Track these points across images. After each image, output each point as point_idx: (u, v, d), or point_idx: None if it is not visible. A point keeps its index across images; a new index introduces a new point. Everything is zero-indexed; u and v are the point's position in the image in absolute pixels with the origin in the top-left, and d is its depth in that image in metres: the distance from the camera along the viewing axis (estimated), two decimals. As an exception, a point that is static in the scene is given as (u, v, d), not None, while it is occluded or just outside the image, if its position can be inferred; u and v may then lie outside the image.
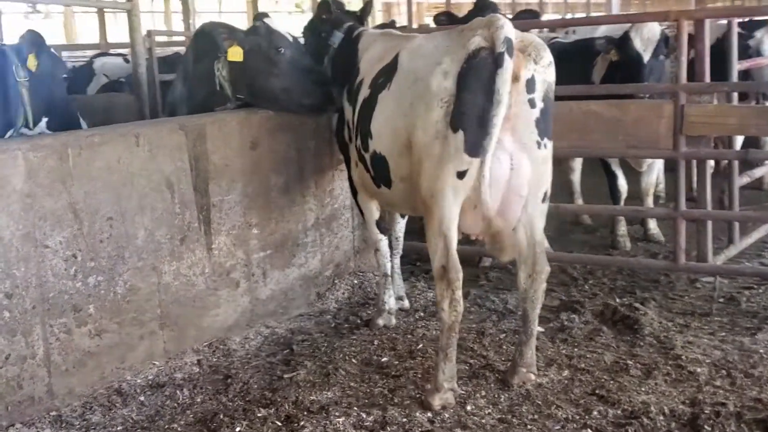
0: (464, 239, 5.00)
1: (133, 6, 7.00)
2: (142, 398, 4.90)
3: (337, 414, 4.62)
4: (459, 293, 4.64)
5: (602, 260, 6.68)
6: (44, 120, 5.65)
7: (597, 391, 4.82)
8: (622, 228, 7.72)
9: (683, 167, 6.06)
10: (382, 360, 5.45)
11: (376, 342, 5.76)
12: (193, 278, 5.49)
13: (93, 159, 4.85)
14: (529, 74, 4.48)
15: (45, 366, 4.65)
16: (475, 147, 4.44)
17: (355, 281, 6.90)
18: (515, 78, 4.42)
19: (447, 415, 4.63)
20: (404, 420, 4.57)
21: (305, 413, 4.64)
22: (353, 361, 5.43)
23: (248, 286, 5.91)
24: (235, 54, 5.84)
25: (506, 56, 4.34)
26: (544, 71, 4.54)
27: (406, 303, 6.42)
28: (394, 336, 5.84)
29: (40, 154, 4.59)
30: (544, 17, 17.56)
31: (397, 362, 5.40)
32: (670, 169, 7.79)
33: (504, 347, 5.57)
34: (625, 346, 5.49)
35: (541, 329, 5.81)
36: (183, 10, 14.04)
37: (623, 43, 7.10)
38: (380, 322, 6.02)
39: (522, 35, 4.59)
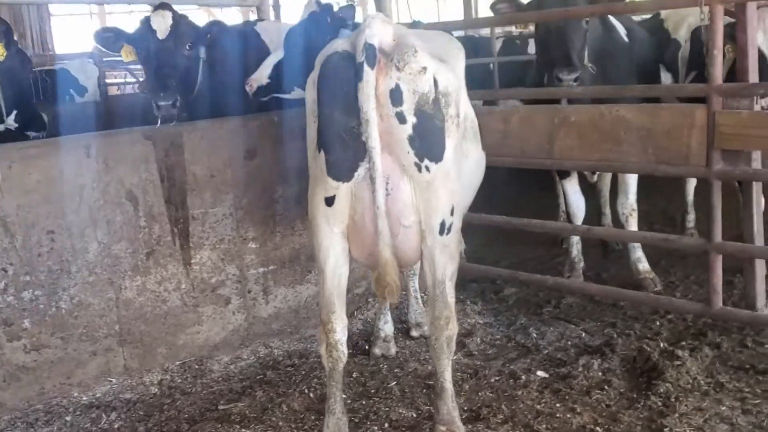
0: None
1: None
2: (68, 418, 4.68)
3: (226, 458, 4.08)
4: (334, 336, 3.93)
5: (631, 296, 5.31)
6: (14, 113, 5.60)
7: (520, 464, 3.83)
8: None
9: (718, 189, 4.63)
10: (311, 396, 4.79)
11: (354, 374, 5.09)
12: (164, 294, 5.16)
13: (28, 172, 4.67)
14: (392, 83, 3.60)
15: (-32, 378, 4.56)
16: (338, 170, 3.71)
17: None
18: (381, 89, 3.60)
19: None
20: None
21: (197, 454, 4.16)
22: (310, 395, 4.83)
23: (242, 303, 5.47)
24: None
25: (365, 67, 3.52)
26: (413, 80, 3.62)
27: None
28: (380, 368, 5.12)
29: (-40, 168, 4.49)
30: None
31: (350, 401, 4.70)
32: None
33: (481, 394, 4.66)
34: (618, 405, 4.38)
35: (543, 374, 4.86)
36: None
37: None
38: (377, 351, 5.33)
39: (399, 36, 3.71)
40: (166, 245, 5.14)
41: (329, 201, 3.79)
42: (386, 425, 4.39)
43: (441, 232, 3.83)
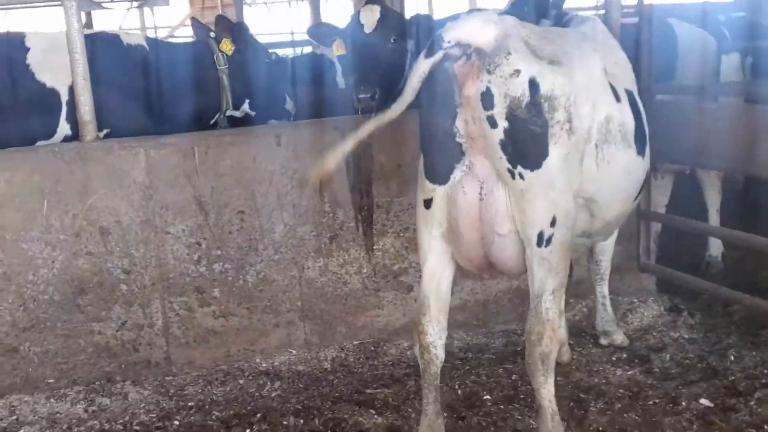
0: None
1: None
2: (241, 381, 5.15)
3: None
4: (426, 339, 3.91)
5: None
6: (246, 102, 6.09)
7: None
8: None
9: None
10: (485, 398, 4.77)
11: (514, 376, 5.02)
12: (345, 276, 5.48)
13: (223, 157, 5.21)
14: (483, 86, 3.49)
15: (164, 336, 5.25)
16: (434, 172, 3.71)
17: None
18: (467, 90, 3.53)
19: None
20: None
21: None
22: (458, 392, 4.89)
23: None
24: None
25: (422, 57, 3.53)
26: (504, 83, 3.47)
27: (618, 339, 5.34)
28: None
29: (163, 152, 5.14)
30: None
31: (491, 403, 4.67)
32: None
33: (627, 416, 4.41)
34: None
35: (707, 403, 4.47)
36: None
37: None
38: (548, 354, 5.17)
39: (502, 36, 3.57)
40: (349, 230, 5.42)
41: (427, 203, 3.80)
42: (506, 435, 4.29)
43: (539, 244, 3.66)
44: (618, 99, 4.11)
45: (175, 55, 5.93)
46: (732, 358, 4.98)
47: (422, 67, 3.51)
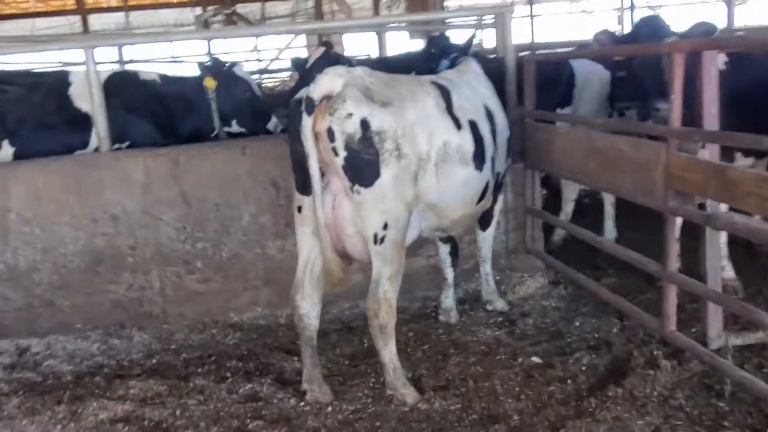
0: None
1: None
2: (213, 331, 5.49)
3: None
4: (299, 311, 4.21)
5: (604, 294, 4.51)
6: (234, 121, 6.35)
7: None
8: None
9: (672, 222, 3.75)
10: (365, 346, 4.98)
11: (410, 333, 5.19)
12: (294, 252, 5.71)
13: (202, 163, 5.52)
14: (327, 125, 3.70)
15: (161, 295, 5.62)
16: (301, 187, 3.94)
17: (497, 277, 5.93)
18: (318, 127, 3.73)
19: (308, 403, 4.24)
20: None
21: (251, 375, 4.70)
22: (365, 344, 5.08)
23: (359, 266, 5.80)
24: None
25: (304, 114, 3.73)
26: (341, 123, 3.69)
27: (498, 305, 5.48)
28: (433, 331, 5.18)
29: (157, 160, 5.48)
30: None
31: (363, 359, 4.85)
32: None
33: (474, 369, 4.56)
34: (555, 399, 4.02)
35: (537, 360, 4.63)
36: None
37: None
38: (441, 318, 5.40)
39: (346, 86, 3.73)
40: (299, 219, 5.64)
41: (299, 209, 4.03)
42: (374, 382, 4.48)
43: (375, 242, 3.87)
44: (459, 127, 4.21)
45: (179, 87, 6.23)
46: (577, 324, 5.05)
47: (308, 122, 3.68)
